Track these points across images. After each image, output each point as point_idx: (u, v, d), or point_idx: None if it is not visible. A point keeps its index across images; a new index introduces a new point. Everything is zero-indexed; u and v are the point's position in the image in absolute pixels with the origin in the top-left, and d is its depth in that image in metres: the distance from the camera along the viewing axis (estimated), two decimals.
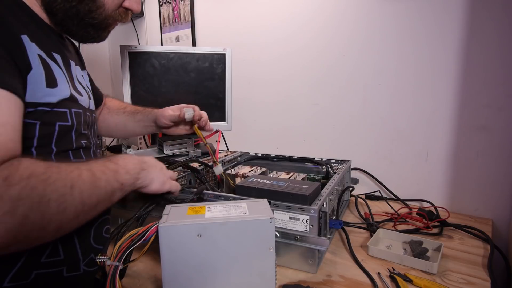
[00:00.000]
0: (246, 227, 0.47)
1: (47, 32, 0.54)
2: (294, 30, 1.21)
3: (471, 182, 0.95)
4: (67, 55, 0.59)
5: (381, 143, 1.09)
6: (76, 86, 0.59)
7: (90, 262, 0.55)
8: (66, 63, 0.57)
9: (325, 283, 0.60)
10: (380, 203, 1.01)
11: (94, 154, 0.62)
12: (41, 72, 0.48)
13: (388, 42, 1.03)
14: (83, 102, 0.59)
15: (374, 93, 1.08)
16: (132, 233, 0.46)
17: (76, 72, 0.62)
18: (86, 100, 0.61)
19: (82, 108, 0.58)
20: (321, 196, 0.67)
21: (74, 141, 0.55)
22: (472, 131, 0.93)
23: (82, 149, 0.58)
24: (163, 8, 1.58)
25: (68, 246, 0.52)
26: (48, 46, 0.52)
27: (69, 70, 0.58)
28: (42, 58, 0.49)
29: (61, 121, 0.52)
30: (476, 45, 0.90)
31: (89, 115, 0.62)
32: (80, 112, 0.57)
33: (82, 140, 0.58)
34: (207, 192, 0.70)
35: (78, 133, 0.56)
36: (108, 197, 0.47)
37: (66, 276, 0.51)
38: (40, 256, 0.48)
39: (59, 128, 0.52)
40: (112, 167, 0.48)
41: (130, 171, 0.51)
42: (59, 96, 0.51)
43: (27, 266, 0.47)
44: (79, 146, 0.57)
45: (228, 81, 1.17)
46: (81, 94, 0.60)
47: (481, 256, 0.69)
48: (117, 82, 1.87)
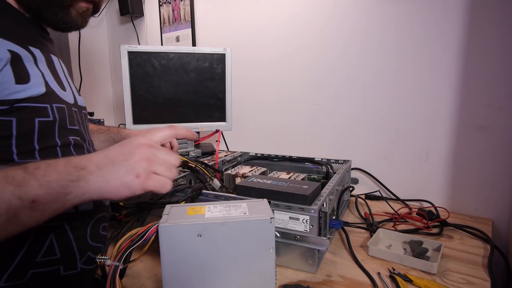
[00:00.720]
0: (246, 227, 0.47)
1: (26, 25, 0.53)
2: (294, 30, 1.21)
3: (471, 182, 0.95)
4: (50, 49, 0.58)
5: (381, 143, 1.09)
6: (62, 80, 0.57)
7: (87, 260, 0.55)
8: (48, 57, 0.55)
9: (325, 283, 0.60)
10: (380, 203, 1.01)
11: (88, 152, 0.59)
12: (8, 68, 0.45)
13: (388, 42, 1.03)
14: (67, 97, 0.56)
15: (374, 93, 1.08)
16: (132, 233, 0.46)
17: (63, 67, 0.60)
18: (71, 96, 0.58)
19: (65, 103, 0.55)
20: (321, 196, 0.67)
21: (58, 137, 0.52)
22: (472, 131, 0.93)
23: (72, 146, 0.55)
24: (163, 8, 1.58)
25: (64, 244, 0.51)
26: (25, 40, 0.50)
27: (51, 64, 0.56)
28: (13, 53, 0.47)
29: (41, 117, 0.49)
30: (476, 45, 0.90)
31: (78, 111, 0.59)
32: (63, 107, 0.54)
33: (70, 136, 0.55)
34: (207, 192, 0.70)
35: (63, 128, 0.53)
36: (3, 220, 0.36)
37: (63, 275, 0.51)
38: (36, 255, 0.48)
39: (39, 125, 0.49)
40: (18, 177, 0.37)
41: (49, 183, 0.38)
42: (31, 92, 0.48)
43: (23, 266, 0.47)
44: (67, 143, 0.54)
45: (228, 81, 1.17)
46: (65, 89, 0.57)
47: (481, 256, 0.69)
48: (117, 82, 1.87)
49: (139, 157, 0.43)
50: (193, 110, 1.18)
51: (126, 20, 1.73)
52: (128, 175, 0.42)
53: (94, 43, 1.80)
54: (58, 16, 0.54)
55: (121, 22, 1.78)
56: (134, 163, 0.43)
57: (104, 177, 0.42)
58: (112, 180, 0.42)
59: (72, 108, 0.57)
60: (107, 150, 0.45)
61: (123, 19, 1.75)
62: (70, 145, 0.54)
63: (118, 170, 0.42)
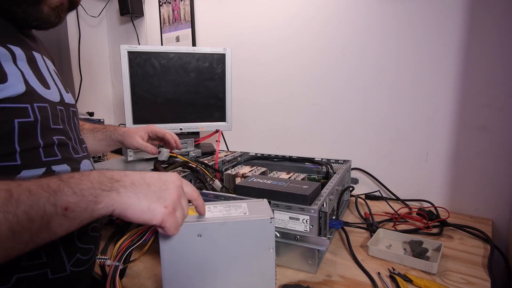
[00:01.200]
0: (246, 227, 0.47)
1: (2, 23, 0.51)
2: (294, 30, 1.21)
3: (471, 182, 0.95)
4: (31, 46, 0.56)
5: (381, 143, 1.09)
6: (45, 78, 0.56)
7: (77, 262, 0.53)
8: (29, 55, 0.54)
9: (325, 283, 0.60)
10: (380, 203, 1.01)
11: (74, 150, 0.58)
12: None
13: (388, 42, 1.03)
14: (51, 96, 0.55)
15: (374, 93, 1.08)
16: (132, 233, 0.46)
17: (48, 65, 0.59)
18: (56, 94, 0.57)
19: (48, 102, 0.53)
20: (321, 196, 0.67)
21: (41, 138, 0.50)
22: (472, 131, 0.93)
23: (55, 146, 0.53)
24: (163, 8, 1.58)
25: (49, 247, 0.49)
26: (2, 38, 0.49)
27: (33, 62, 0.54)
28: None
29: (21, 118, 0.48)
30: (476, 45, 0.90)
31: (64, 109, 0.58)
32: (45, 106, 0.52)
33: (54, 136, 0.53)
34: (207, 192, 0.70)
35: (46, 128, 0.52)
36: (37, 226, 0.35)
37: (52, 278, 0.50)
38: (20, 259, 0.46)
39: (19, 126, 0.47)
40: (53, 185, 0.37)
41: (82, 191, 0.38)
42: (9, 92, 0.46)
43: (7, 270, 0.45)
44: (50, 143, 0.52)
45: (228, 81, 1.17)
46: (49, 87, 0.55)
47: (481, 256, 0.69)
48: (117, 82, 1.87)
49: (173, 192, 0.44)
50: (193, 110, 1.18)
51: (126, 20, 1.73)
52: (158, 202, 0.42)
53: (94, 43, 1.80)
54: (28, 13, 0.51)
55: (121, 22, 1.78)
56: (168, 194, 0.43)
57: (136, 194, 0.41)
58: (142, 200, 0.41)
59: (57, 106, 0.56)
60: (144, 173, 0.45)
61: (123, 19, 1.75)
62: (54, 145, 0.53)
63: (151, 194, 0.42)
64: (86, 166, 0.60)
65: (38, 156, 0.50)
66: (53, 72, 0.61)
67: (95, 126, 0.86)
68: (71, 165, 0.55)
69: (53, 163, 0.52)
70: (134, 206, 0.41)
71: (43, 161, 0.50)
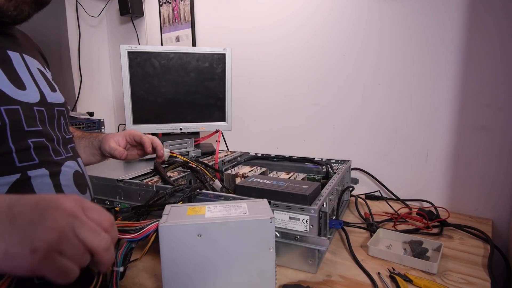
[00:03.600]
0: (246, 227, 0.47)
1: None
2: (294, 30, 1.21)
3: (471, 182, 0.95)
4: (5, 45, 0.54)
5: (381, 143, 1.09)
6: (21, 78, 0.53)
7: None
8: (2, 55, 0.52)
9: (325, 283, 0.60)
10: (380, 203, 1.01)
11: (55, 152, 0.55)
12: None
13: (388, 42, 1.03)
14: (26, 97, 0.52)
15: (374, 93, 1.08)
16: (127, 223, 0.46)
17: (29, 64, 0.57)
18: (34, 94, 0.54)
19: (20, 103, 0.50)
20: (321, 196, 0.67)
21: (13, 142, 0.48)
22: (472, 131, 0.93)
23: (32, 149, 0.50)
24: (163, 8, 1.58)
25: None
26: None
27: (6, 62, 0.52)
28: None
29: None
30: (476, 45, 0.90)
31: (45, 110, 0.55)
32: (16, 108, 0.49)
33: (29, 139, 0.50)
34: (207, 192, 0.70)
35: (19, 132, 0.49)
36: None
37: (38, 284, 0.48)
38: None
39: None
40: None
41: None
42: None
43: None
44: (25, 147, 0.49)
45: (228, 81, 1.17)
46: (24, 87, 0.53)
47: (481, 256, 0.69)
48: (117, 82, 1.87)
49: (51, 225, 0.32)
50: (193, 110, 1.18)
51: (126, 20, 1.73)
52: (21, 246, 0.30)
53: (94, 43, 1.80)
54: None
55: (121, 22, 1.78)
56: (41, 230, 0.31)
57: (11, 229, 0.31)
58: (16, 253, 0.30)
59: (34, 107, 0.53)
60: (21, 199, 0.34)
61: (123, 19, 1.75)
62: (30, 149, 0.50)
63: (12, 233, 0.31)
64: (70, 168, 0.58)
65: (11, 161, 0.47)
66: (36, 71, 0.58)
67: (83, 133, 0.82)
68: (51, 169, 0.53)
69: (29, 168, 0.50)
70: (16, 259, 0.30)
71: (17, 166, 0.48)
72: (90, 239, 0.34)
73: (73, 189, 0.58)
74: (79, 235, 0.33)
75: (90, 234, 0.34)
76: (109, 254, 0.36)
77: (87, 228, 0.34)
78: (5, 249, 0.30)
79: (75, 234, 0.33)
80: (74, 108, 1.70)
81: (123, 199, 0.79)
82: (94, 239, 0.34)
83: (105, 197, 0.81)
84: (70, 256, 0.32)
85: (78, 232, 0.33)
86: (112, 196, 0.81)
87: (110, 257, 0.36)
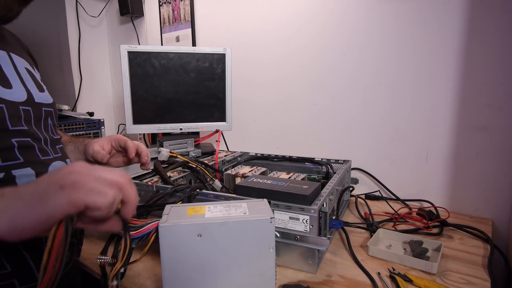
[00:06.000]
0: (246, 227, 0.47)
1: None
2: (294, 30, 1.21)
3: (471, 182, 0.95)
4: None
5: (381, 143, 1.09)
6: (7, 77, 0.53)
7: None
8: None
9: (325, 283, 0.60)
10: (380, 203, 1.01)
11: (42, 152, 0.55)
12: None
13: (388, 42, 1.03)
14: (12, 96, 0.52)
15: (374, 93, 1.08)
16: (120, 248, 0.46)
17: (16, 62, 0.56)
18: (21, 93, 0.54)
19: (5, 102, 0.50)
20: (321, 196, 0.67)
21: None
22: (472, 131, 0.93)
23: (16, 148, 0.50)
24: (163, 8, 1.58)
25: (13, 257, 0.47)
26: None
27: None
28: None
29: None
30: (476, 45, 0.90)
31: (31, 109, 0.55)
32: (0, 107, 0.49)
33: (13, 138, 0.50)
34: (207, 192, 0.70)
35: (2, 131, 0.49)
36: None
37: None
38: None
39: None
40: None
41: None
42: None
43: None
44: (8, 146, 0.49)
45: (228, 81, 1.17)
46: (10, 86, 0.52)
47: (481, 256, 0.69)
48: (117, 82, 1.87)
49: (68, 170, 0.36)
50: (193, 110, 1.18)
51: (126, 20, 1.73)
52: (50, 187, 0.34)
53: (94, 43, 1.80)
54: None
55: (121, 22, 1.78)
56: (59, 173, 0.35)
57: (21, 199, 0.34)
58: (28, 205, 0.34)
59: (20, 106, 0.52)
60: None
61: (123, 19, 1.75)
62: (14, 148, 0.50)
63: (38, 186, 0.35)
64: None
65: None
66: (24, 70, 0.57)
67: (71, 138, 0.80)
68: (37, 169, 0.53)
69: (13, 167, 0.49)
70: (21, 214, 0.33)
71: (1, 166, 0.48)
72: (110, 175, 0.37)
73: None
74: (98, 176, 0.36)
75: (107, 172, 0.37)
76: (134, 188, 0.39)
77: (102, 170, 0.37)
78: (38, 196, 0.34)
79: (94, 175, 0.36)
80: (74, 108, 1.70)
81: None
82: (113, 175, 0.38)
83: None
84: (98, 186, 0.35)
85: (96, 174, 0.36)
86: None
87: (135, 192, 0.39)
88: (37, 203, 0.33)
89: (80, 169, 0.36)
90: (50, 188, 0.34)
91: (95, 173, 0.36)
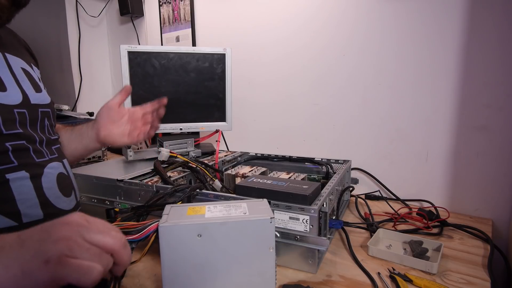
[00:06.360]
0: (246, 227, 0.47)
1: None
2: (294, 30, 1.21)
3: (471, 182, 0.95)
4: None
5: (381, 143, 1.09)
6: (3, 79, 0.52)
7: None
8: None
9: (325, 283, 0.60)
10: (380, 203, 1.01)
11: (37, 154, 0.54)
12: None
13: (388, 42, 1.03)
14: (6, 99, 0.51)
15: (374, 93, 1.08)
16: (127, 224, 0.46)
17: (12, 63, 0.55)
18: (16, 95, 0.53)
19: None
20: (321, 196, 0.67)
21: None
22: (472, 131, 0.93)
23: (10, 152, 0.49)
24: (163, 8, 1.58)
25: None
26: None
27: None
28: None
29: None
30: (476, 45, 0.90)
31: (27, 111, 0.54)
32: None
33: (7, 142, 0.49)
34: (207, 192, 0.70)
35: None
36: None
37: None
38: None
39: None
40: None
41: None
42: None
43: None
44: (3, 150, 0.49)
45: (228, 81, 1.17)
46: (5, 89, 0.51)
47: (481, 256, 0.69)
48: (117, 82, 1.87)
49: (59, 236, 0.33)
50: (193, 110, 1.18)
51: (126, 20, 1.73)
52: (34, 261, 0.32)
53: (94, 43, 1.80)
54: None
55: (121, 22, 1.78)
56: (50, 243, 0.33)
57: (2, 262, 0.32)
58: (11, 267, 0.32)
59: (14, 109, 0.52)
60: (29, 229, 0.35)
61: (123, 19, 1.75)
62: (8, 152, 0.49)
63: (24, 253, 0.32)
64: (54, 169, 0.57)
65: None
66: (20, 70, 0.57)
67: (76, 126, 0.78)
68: (32, 171, 0.52)
69: (7, 171, 0.49)
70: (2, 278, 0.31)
71: None
72: (102, 240, 0.35)
73: (56, 192, 0.57)
74: (90, 240, 0.34)
75: (101, 235, 0.35)
76: (127, 251, 0.37)
77: (95, 231, 0.35)
78: (21, 269, 0.32)
79: (85, 239, 0.34)
80: (74, 108, 1.70)
81: (123, 199, 0.79)
82: (106, 239, 0.35)
83: (105, 197, 0.81)
84: (87, 259, 0.33)
85: (88, 237, 0.34)
86: (112, 196, 0.81)
87: (128, 255, 0.37)
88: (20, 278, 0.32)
89: (71, 234, 0.33)
90: (33, 261, 0.32)
91: (88, 236, 0.34)
